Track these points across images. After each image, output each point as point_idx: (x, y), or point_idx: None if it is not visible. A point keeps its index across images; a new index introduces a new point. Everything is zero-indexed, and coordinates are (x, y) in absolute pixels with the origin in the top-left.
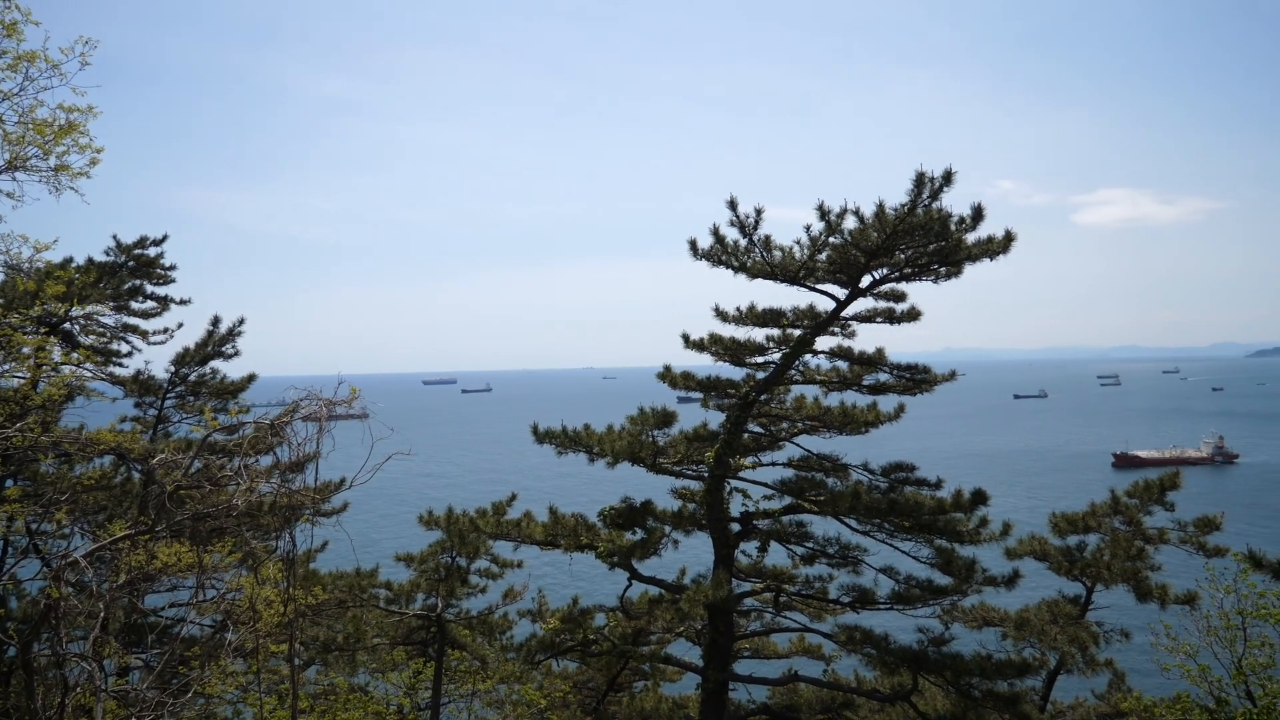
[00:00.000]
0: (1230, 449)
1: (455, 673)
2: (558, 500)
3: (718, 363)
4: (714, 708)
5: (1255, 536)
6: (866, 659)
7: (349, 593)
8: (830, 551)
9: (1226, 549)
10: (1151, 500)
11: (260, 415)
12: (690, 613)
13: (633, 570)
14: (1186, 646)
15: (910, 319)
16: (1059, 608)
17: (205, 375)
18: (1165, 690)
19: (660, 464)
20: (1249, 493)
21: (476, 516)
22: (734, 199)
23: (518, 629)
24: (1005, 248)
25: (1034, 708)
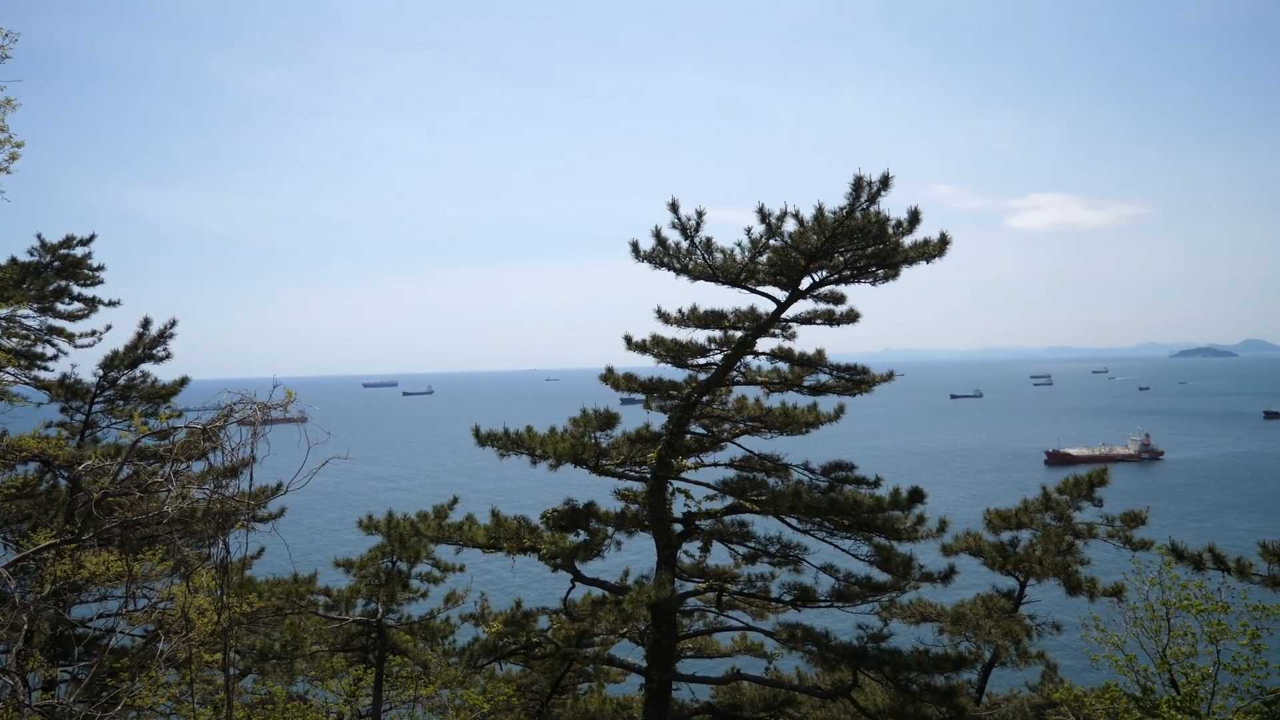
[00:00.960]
0: (1156, 446)
1: (397, 679)
2: (500, 503)
3: (660, 364)
4: (658, 708)
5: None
6: (808, 656)
7: (286, 599)
8: (772, 550)
9: (1152, 542)
10: (1081, 496)
11: (193, 420)
12: (633, 613)
13: (576, 572)
14: (1114, 637)
15: (849, 321)
16: (993, 602)
17: (135, 379)
18: (1095, 680)
19: (603, 466)
20: (1173, 488)
21: (418, 520)
22: (675, 201)
23: (460, 633)
24: (941, 251)
25: (970, 700)
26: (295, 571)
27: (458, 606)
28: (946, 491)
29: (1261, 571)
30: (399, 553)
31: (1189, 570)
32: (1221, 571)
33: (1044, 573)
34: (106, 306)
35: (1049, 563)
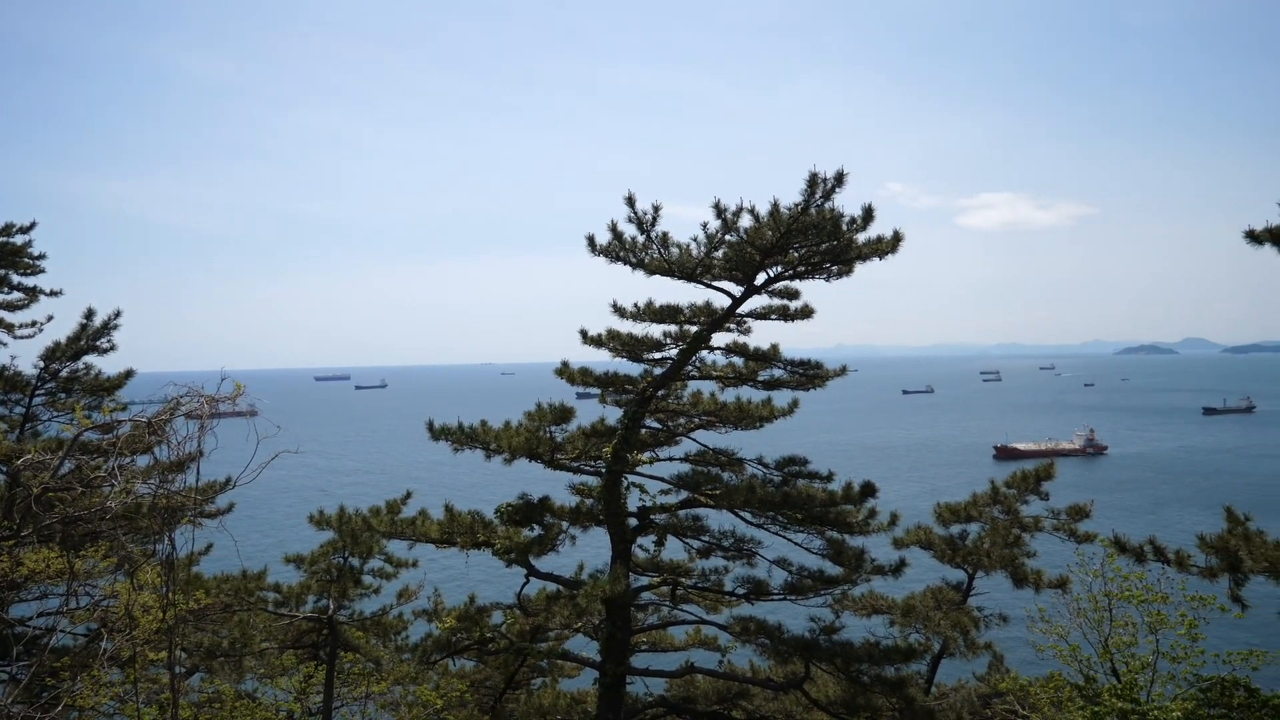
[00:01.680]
0: (1100, 441)
1: (348, 675)
2: (454, 498)
3: (616, 359)
4: (611, 701)
5: (1121, 523)
6: (761, 649)
7: (235, 596)
8: (726, 544)
9: (1095, 535)
10: (1028, 490)
11: (138, 413)
12: (588, 608)
13: (530, 567)
14: (1059, 628)
15: (803, 316)
16: (942, 594)
17: (78, 371)
18: (1040, 669)
19: (558, 460)
20: (1116, 482)
21: (370, 515)
22: (632, 195)
23: (413, 629)
24: (894, 247)
25: (919, 691)
26: (244, 568)
27: (411, 602)
28: (898, 485)
29: (1199, 563)
30: (351, 548)
31: (1131, 562)
32: (1161, 563)
33: (992, 565)
34: (48, 296)
35: (997, 555)
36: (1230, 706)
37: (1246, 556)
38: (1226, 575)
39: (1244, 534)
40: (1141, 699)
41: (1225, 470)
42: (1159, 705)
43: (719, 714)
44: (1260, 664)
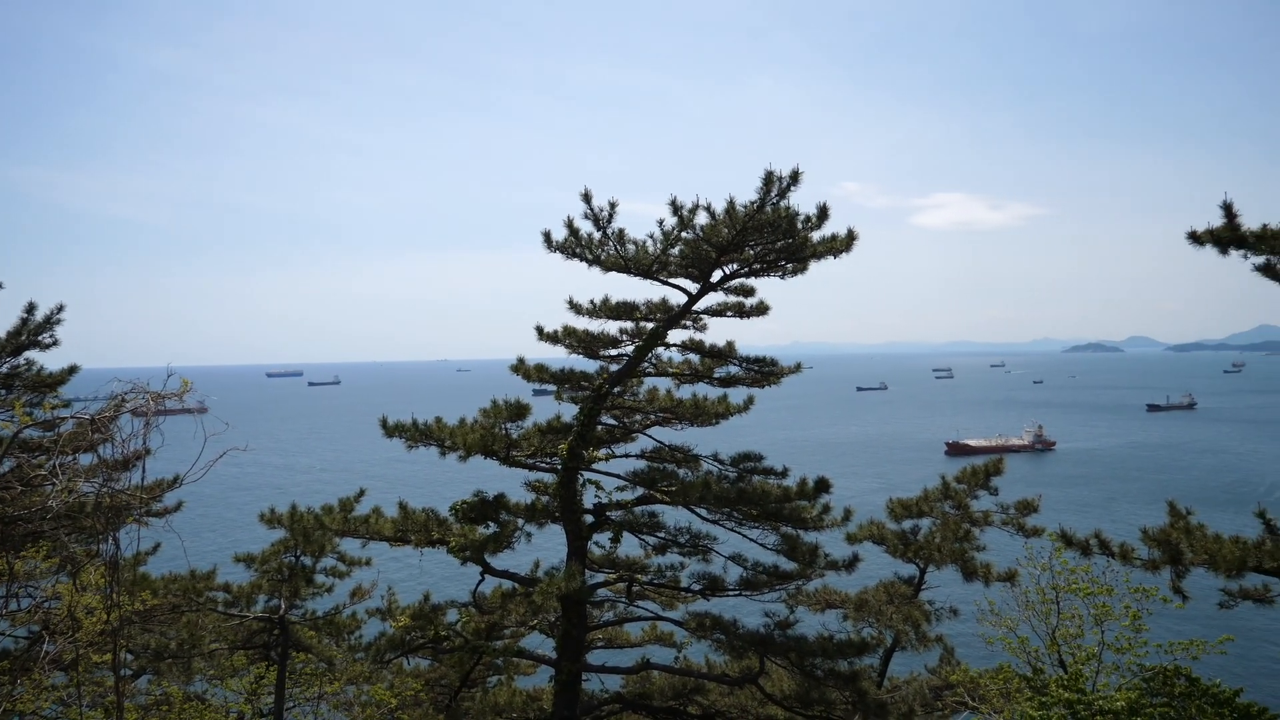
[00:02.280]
0: (1048, 437)
1: (300, 675)
2: (409, 495)
3: (572, 355)
4: (567, 699)
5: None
6: (716, 644)
7: (183, 596)
8: (681, 541)
9: (1043, 529)
10: (978, 485)
11: (81, 410)
12: (544, 605)
13: (485, 564)
14: (1008, 620)
15: (759, 313)
16: (895, 588)
17: (18, 367)
18: (990, 661)
19: (513, 457)
20: (1064, 477)
21: (322, 513)
22: (588, 191)
23: (366, 628)
24: (848, 246)
25: (872, 684)
26: (193, 568)
27: (364, 601)
28: (852, 481)
29: (1142, 556)
30: (303, 547)
31: (1077, 556)
32: (1106, 556)
33: (943, 559)
34: None
35: (947, 550)
36: (1172, 695)
37: (1187, 549)
38: (1168, 568)
39: (1185, 527)
40: (1087, 689)
41: (1168, 465)
42: (1104, 695)
43: (675, 710)
44: (1200, 653)
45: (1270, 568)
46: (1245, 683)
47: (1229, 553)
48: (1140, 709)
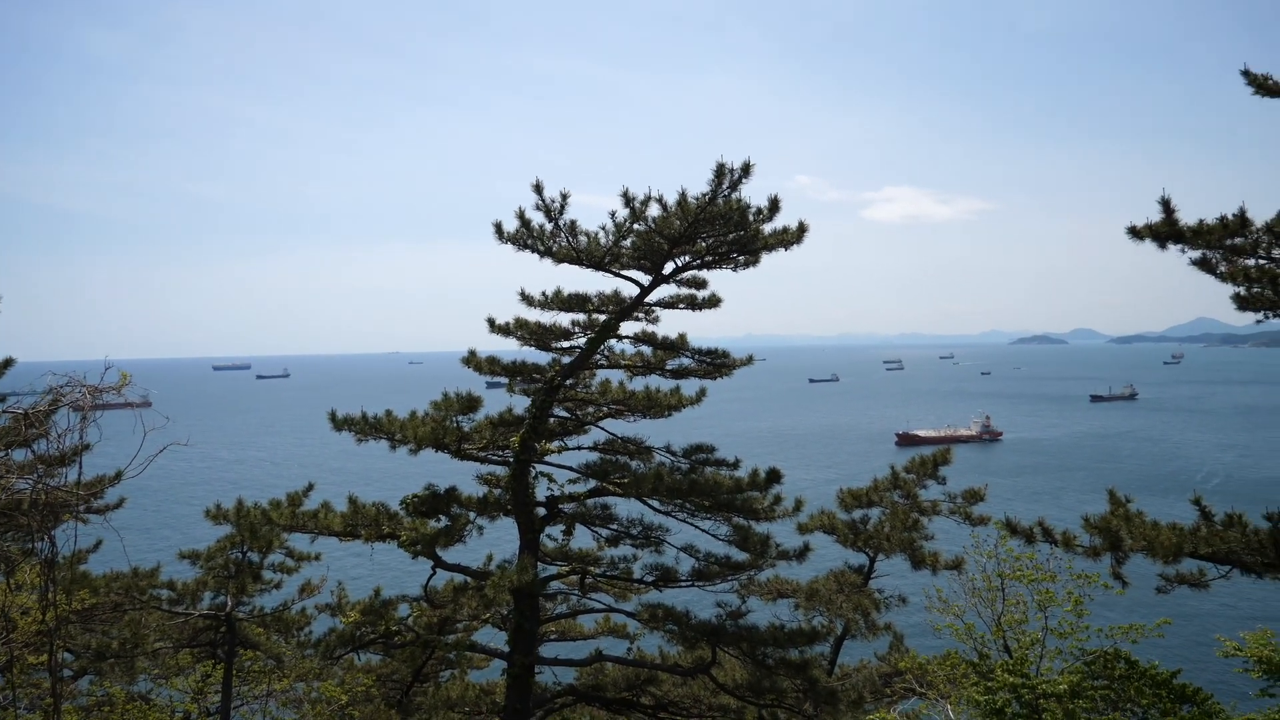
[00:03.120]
0: (995, 427)
1: (248, 673)
2: (359, 489)
3: (524, 347)
4: (520, 692)
5: (1013, 506)
6: (669, 635)
7: (125, 595)
8: (634, 532)
9: (989, 518)
10: (926, 475)
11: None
12: (496, 599)
13: (437, 558)
14: (955, 608)
15: (711, 305)
16: (845, 577)
17: None
18: (937, 648)
19: (465, 450)
20: (1010, 466)
21: (270, 508)
22: (539, 183)
23: (316, 624)
24: (799, 238)
25: (822, 672)
26: (135, 565)
27: (313, 597)
28: (803, 472)
29: (1084, 543)
30: (250, 542)
31: (1021, 543)
32: (1050, 544)
33: (892, 548)
34: None
35: (896, 539)
36: (1112, 678)
37: (1127, 536)
38: (1109, 554)
39: (1125, 515)
40: (1031, 673)
41: (1111, 454)
42: (1047, 679)
43: (627, 701)
44: (1140, 637)
45: (1205, 553)
46: (1182, 664)
47: (1166, 539)
48: (1082, 691)
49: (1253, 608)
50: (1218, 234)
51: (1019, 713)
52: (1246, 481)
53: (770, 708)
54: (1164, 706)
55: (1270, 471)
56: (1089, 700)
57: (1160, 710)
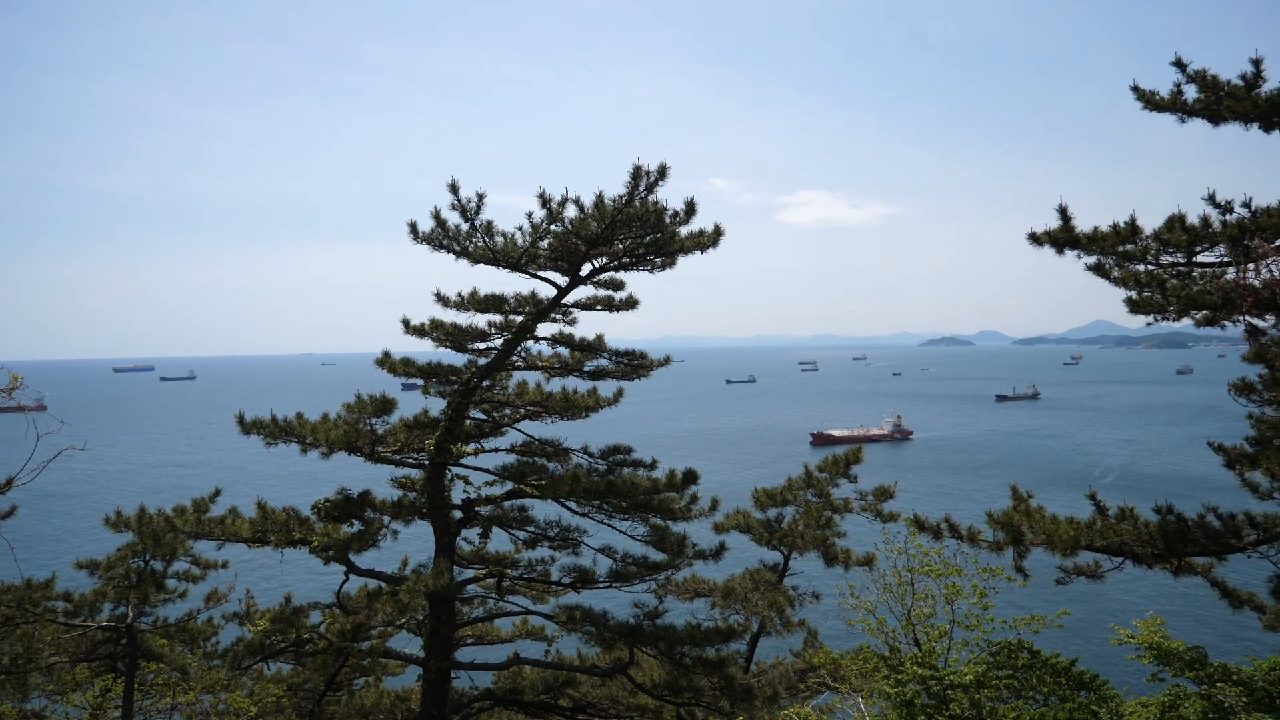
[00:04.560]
0: (906, 426)
1: (151, 686)
2: (268, 494)
3: (440, 348)
4: (435, 697)
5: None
6: (587, 636)
7: (17, 608)
8: (551, 534)
9: (899, 515)
10: (838, 474)
11: None
12: (411, 604)
13: (350, 564)
14: (867, 603)
15: (628, 307)
16: (760, 575)
17: None
18: (850, 643)
19: (379, 453)
20: (920, 464)
21: (174, 515)
22: (455, 182)
23: (223, 633)
24: (715, 241)
25: (739, 670)
26: (28, 576)
27: (220, 605)
28: (720, 472)
29: (988, 538)
30: (152, 551)
31: (930, 539)
32: (956, 539)
33: (806, 546)
34: None
35: (810, 536)
36: (1016, 667)
37: (1028, 531)
38: (1012, 548)
39: (1026, 510)
40: (940, 665)
41: (1016, 451)
42: (955, 670)
43: (546, 703)
44: (1041, 628)
45: (1100, 545)
46: (1079, 653)
47: (1064, 533)
48: (987, 681)
49: (1144, 597)
50: (1111, 240)
51: (928, 704)
52: (1140, 475)
53: (688, 706)
54: (1063, 694)
55: (1162, 466)
56: (994, 690)
57: (1060, 697)
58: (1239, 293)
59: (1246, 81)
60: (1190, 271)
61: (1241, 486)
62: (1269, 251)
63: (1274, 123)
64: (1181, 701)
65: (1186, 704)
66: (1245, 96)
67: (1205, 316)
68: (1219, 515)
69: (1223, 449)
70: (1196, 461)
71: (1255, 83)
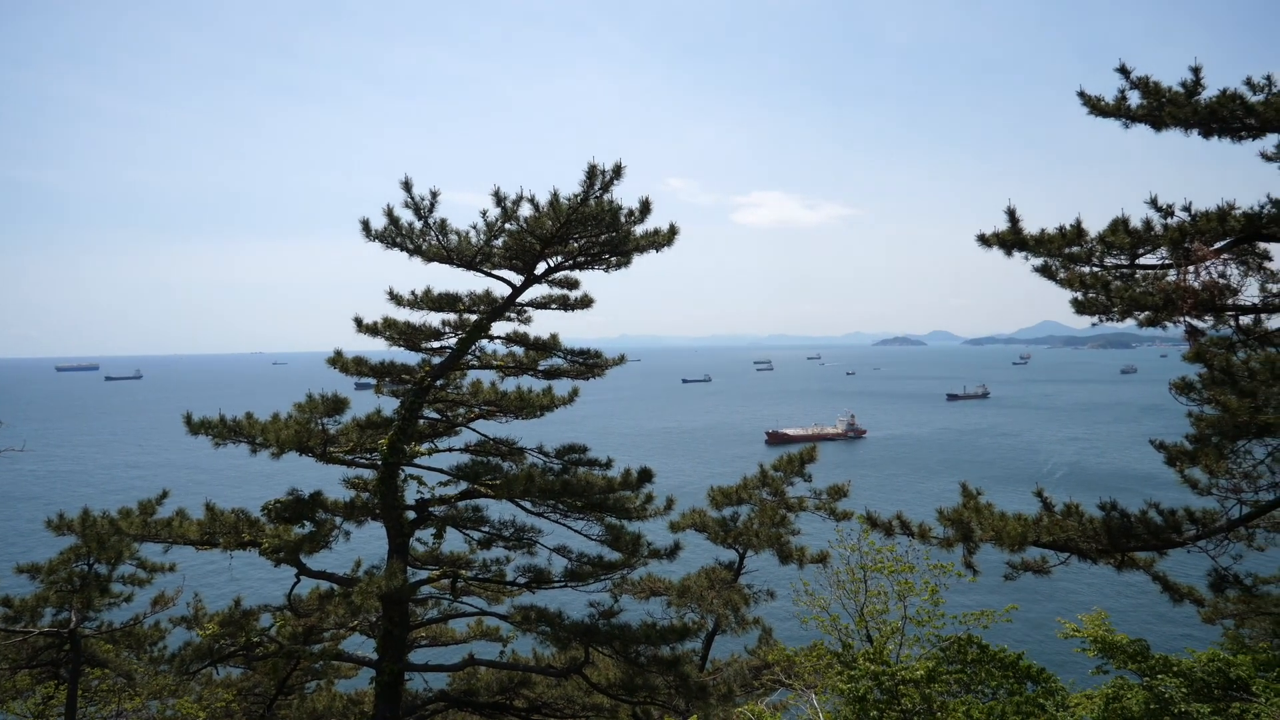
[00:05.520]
0: (860, 425)
1: (96, 693)
2: (217, 496)
3: (393, 347)
4: (389, 700)
5: (876, 500)
6: (542, 637)
7: None
8: (506, 534)
9: (852, 513)
10: (793, 473)
11: None
12: (364, 605)
13: (301, 565)
14: (821, 600)
15: (583, 306)
16: (715, 574)
17: None
18: (804, 640)
19: (331, 453)
20: (873, 462)
21: (119, 517)
22: (408, 180)
23: (171, 638)
24: (670, 240)
25: (694, 668)
26: None
27: (167, 609)
28: (676, 471)
29: (939, 535)
30: (97, 554)
31: (882, 536)
32: (908, 536)
33: (760, 544)
34: None
35: (765, 535)
36: (965, 662)
37: (977, 527)
38: (962, 544)
39: (975, 507)
40: (891, 661)
41: (966, 449)
42: (906, 666)
43: (500, 704)
44: (990, 623)
45: (1047, 541)
46: (1027, 646)
47: (1012, 529)
48: (938, 676)
49: (1090, 591)
50: (1057, 243)
51: (879, 699)
52: (1087, 472)
53: (643, 705)
54: (1010, 687)
55: (1108, 463)
56: (944, 684)
57: (1008, 690)
58: (1179, 294)
59: (1187, 89)
60: (1133, 273)
61: (1182, 483)
62: (1208, 255)
63: (1212, 129)
64: (1124, 693)
65: (1129, 695)
66: (1185, 103)
67: (1147, 317)
68: (1160, 511)
69: (1164, 446)
70: (1140, 459)
71: (1195, 90)
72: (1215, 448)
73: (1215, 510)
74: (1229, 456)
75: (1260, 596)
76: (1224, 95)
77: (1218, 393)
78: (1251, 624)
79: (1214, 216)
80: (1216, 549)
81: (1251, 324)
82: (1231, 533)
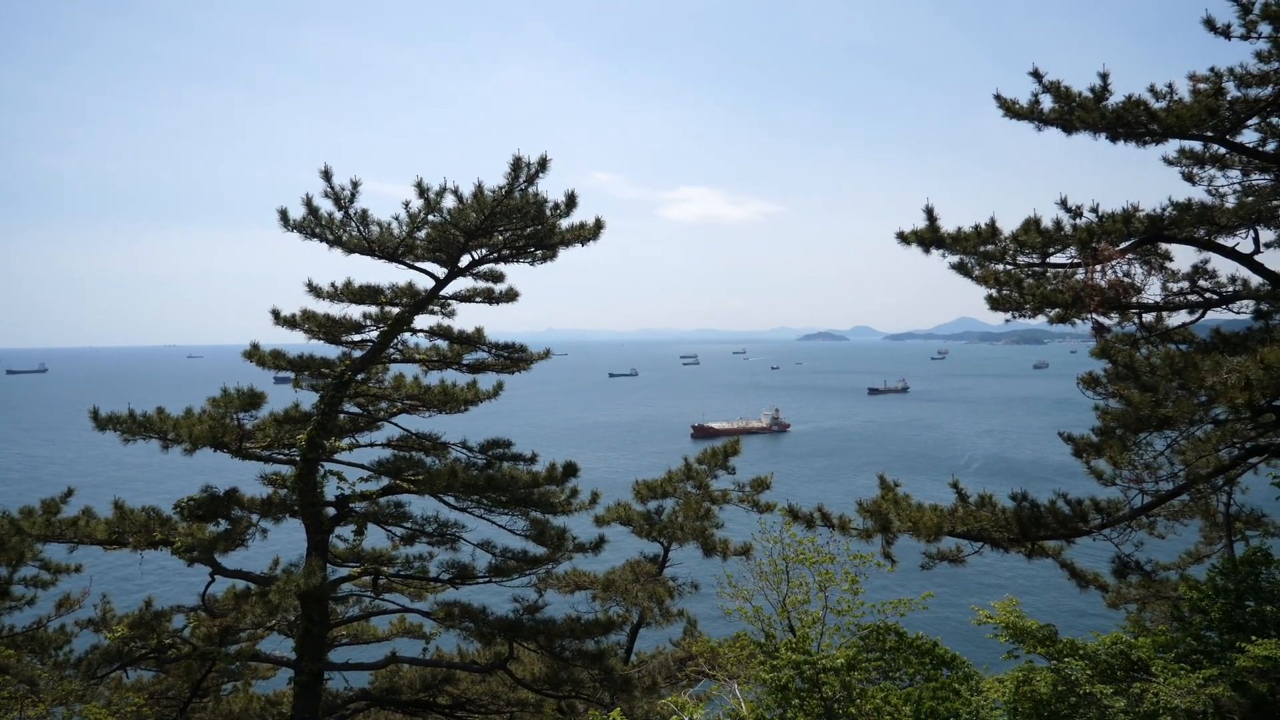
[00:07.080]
0: (784, 419)
1: None
2: (127, 494)
3: (312, 340)
4: (308, 700)
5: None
6: (466, 633)
7: None
8: (429, 530)
9: (774, 505)
10: (718, 466)
11: None
12: (281, 604)
13: (216, 564)
14: (744, 592)
15: (509, 299)
16: (640, 567)
17: None
18: (728, 631)
19: (247, 449)
20: (796, 455)
21: (20, 517)
22: (328, 169)
23: (77, 641)
24: (596, 234)
25: (619, 661)
26: None
27: (73, 612)
28: (601, 465)
29: (858, 526)
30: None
31: (803, 528)
32: (829, 528)
33: (685, 537)
34: None
35: (689, 528)
36: (884, 649)
37: (895, 519)
38: (880, 535)
39: (893, 499)
40: (813, 650)
41: (887, 441)
42: (827, 655)
43: (424, 702)
44: (907, 611)
45: (961, 531)
46: (942, 633)
47: (929, 520)
48: (858, 664)
49: (1002, 579)
50: (972, 241)
51: (801, 688)
52: (1003, 463)
53: (568, 699)
54: (927, 673)
55: (1022, 454)
56: (864, 671)
57: (925, 676)
58: (1087, 292)
59: (1095, 94)
60: (1045, 272)
61: (1088, 474)
62: (1113, 254)
63: (1119, 133)
64: (1034, 675)
65: (1038, 678)
66: (1094, 108)
67: (1057, 314)
68: (1068, 501)
69: (1071, 439)
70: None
71: (1103, 95)
72: (1119, 440)
73: (1119, 500)
74: (1132, 449)
75: (1160, 582)
76: (1129, 101)
77: (1122, 388)
78: (1152, 608)
79: (1119, 218)
80: (1120, 537)
81: (1154, 321)
82: (1134, 521)
